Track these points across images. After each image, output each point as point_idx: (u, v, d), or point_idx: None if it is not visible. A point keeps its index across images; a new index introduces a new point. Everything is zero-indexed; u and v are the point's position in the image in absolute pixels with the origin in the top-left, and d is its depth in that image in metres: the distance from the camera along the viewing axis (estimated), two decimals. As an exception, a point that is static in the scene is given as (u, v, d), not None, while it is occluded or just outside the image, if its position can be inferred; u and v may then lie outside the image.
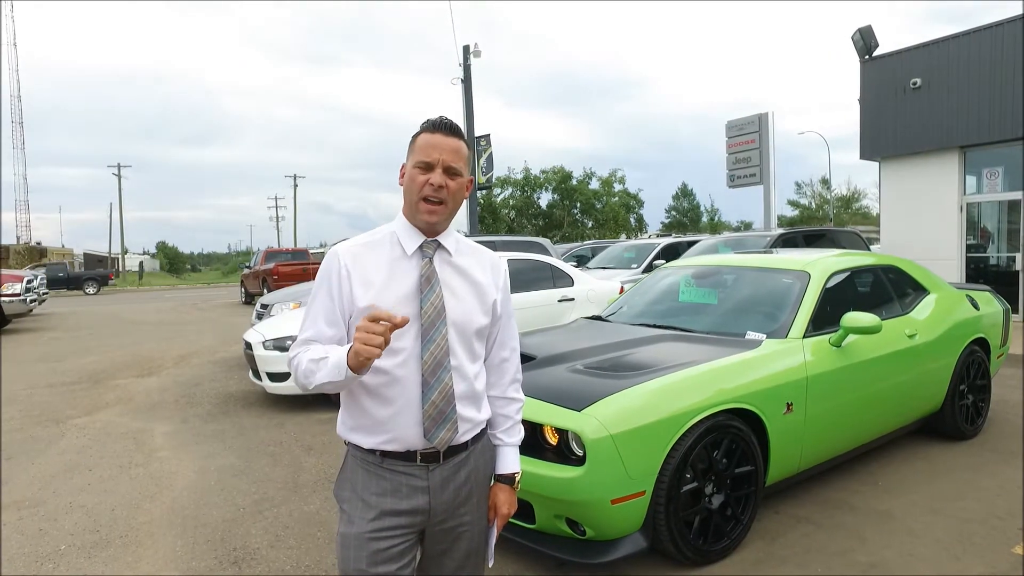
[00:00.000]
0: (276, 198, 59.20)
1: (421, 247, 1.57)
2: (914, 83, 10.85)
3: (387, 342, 1.38)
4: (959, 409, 4.50)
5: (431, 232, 1.58)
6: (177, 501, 3.87)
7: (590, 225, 40.37)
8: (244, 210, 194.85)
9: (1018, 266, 10.14)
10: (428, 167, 1.52)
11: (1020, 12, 9.81)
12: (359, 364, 1.38)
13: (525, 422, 2.80)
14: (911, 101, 10.96)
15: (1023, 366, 6.85)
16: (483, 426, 1.67)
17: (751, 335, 3.50)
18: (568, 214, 40.26)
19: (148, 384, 7.41)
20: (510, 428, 1.74)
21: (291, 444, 4.90)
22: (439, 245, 1.59)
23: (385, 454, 1.55)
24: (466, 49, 19.02)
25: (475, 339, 1.61)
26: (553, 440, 2.77)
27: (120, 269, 48.17)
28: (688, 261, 4.95)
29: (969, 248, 10.81)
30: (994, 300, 5.16)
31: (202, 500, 3.87)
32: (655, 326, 3.97)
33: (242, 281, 20.45)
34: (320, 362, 1.47)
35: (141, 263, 50.28)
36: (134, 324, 14.38)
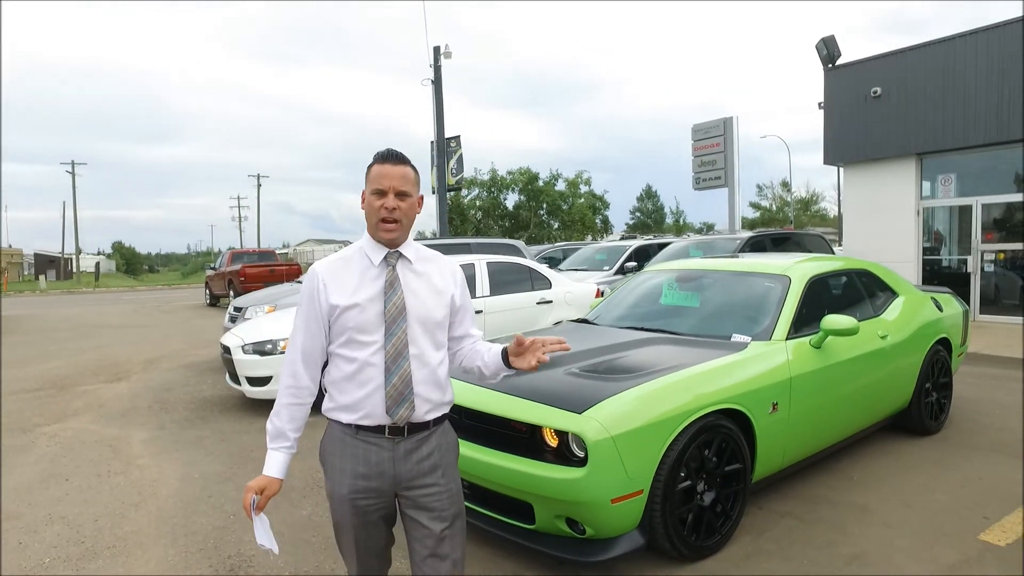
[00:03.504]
0: (239, 198, 57.99)
1: (385, 258, 1.89)
2: (874, 92, 11.26)
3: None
4: (925, 406, 4.72)
5: (392, 245, 1.89)
6: (163, 509, 3.81)
7: (556, 226, 40.63)
8: (205, 210, 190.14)
9: (970, 268, 10.62)
10: (382, 193, 1.84)
11: (971, 28, 10.29)
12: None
13: (525, 425, 2.89)
14: (872, 109, 11.37)
15: (980, 364, 7.20)
16: (445, 408, 1.97)
17: (737, 337, 3.63)
18: (534, 215, 40.44)
19: (118, 390, 7.24)
20: (484, 351, 2.05)
21: (276, 449, 4.86)
22: (400, 255, 1.91)
23: (359, 427, 1.87)
24: (436, 50, 18.98)
25: (437, 330, 1.93)
26: (553, 442, 2.83)
27: (74, 269, 46.55)
28: (669, 265, 5.08)
29: (925, 251, 11.27)
30: (955, 302, 5.42)
31: (190, 508, 3.82)
32: (642, 329, 4.07)
33: (207, 282, 20.02)
34: (268, 444, 1.95)
35: (97, 264, 48.70)
36: (96, 327, 13.97)
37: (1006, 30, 9.88)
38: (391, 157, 1.87)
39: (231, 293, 16.65)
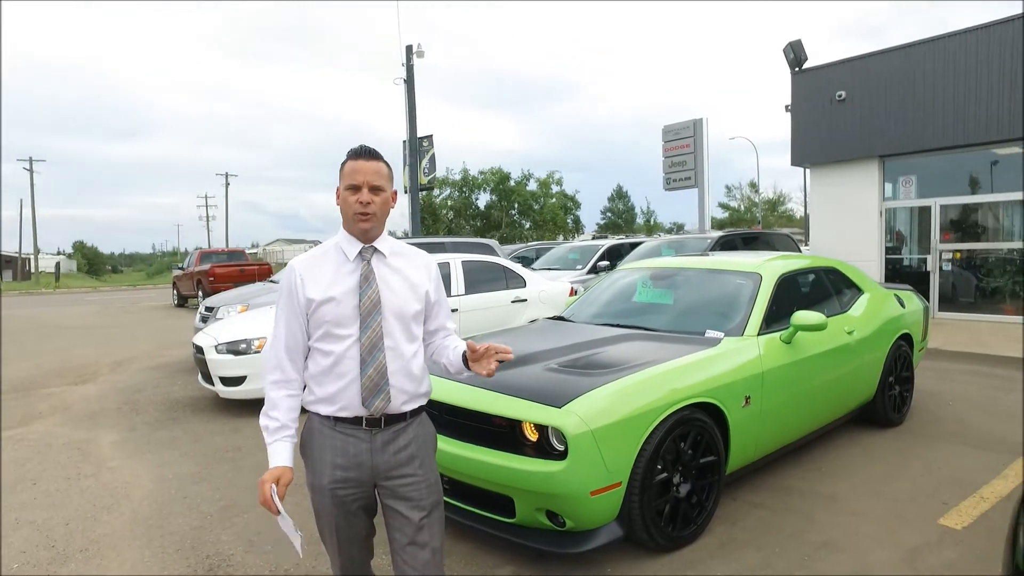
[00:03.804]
0: (206, 196, 56.58)
1: (360, 252, 1.92)
2: (839, 95, 11.57)
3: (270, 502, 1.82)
4: (888, 399, 4.88)
5: (367, 239, 1.93)
6: (137, 511, 3.76)
7: (528, 226, 40.75)
8: (171, 209, 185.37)
9: (929, 267, 10.98)
10: (356, 188, 1.87)
11: (929, 35, 10.64)
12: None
13: (504, 420, 2.93)
14: (837, 112, 11.67)
15: (939, 359, 7.46)
16: (422, 400, 2.01)
17: (710, 333, 3.72)
18: (506, 215, 40.51)
19: (84, 392, 7.08)
20: (450, 348, 2.08)
21: (251, 449, 4.82)
22: (375, 250, 1.94)
23: (338, 419, 1.91)
24: (409, 49, 18.91)
25: (412, 322, 1.96)
26: (533, 437, 2.88)
27: (33, 270, 45.14)
28: (643, 263, 5.16)
29: (888, 250, 11.61)
30: (916, 299, 5.61)
31: (165, 509, 3.77)
32: (618, 325, 4.14)
33: (174, 283, 19.63)
34: (268, 439, 1.90)
35: (58, 264, 47.29)
36: (58, 328, 13.60)
37: (964, 38, 10.24)
38: (364, 153, 1.90)
39: (200, 293, 16.36)
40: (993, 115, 9.93)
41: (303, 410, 1.96)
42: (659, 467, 3.00)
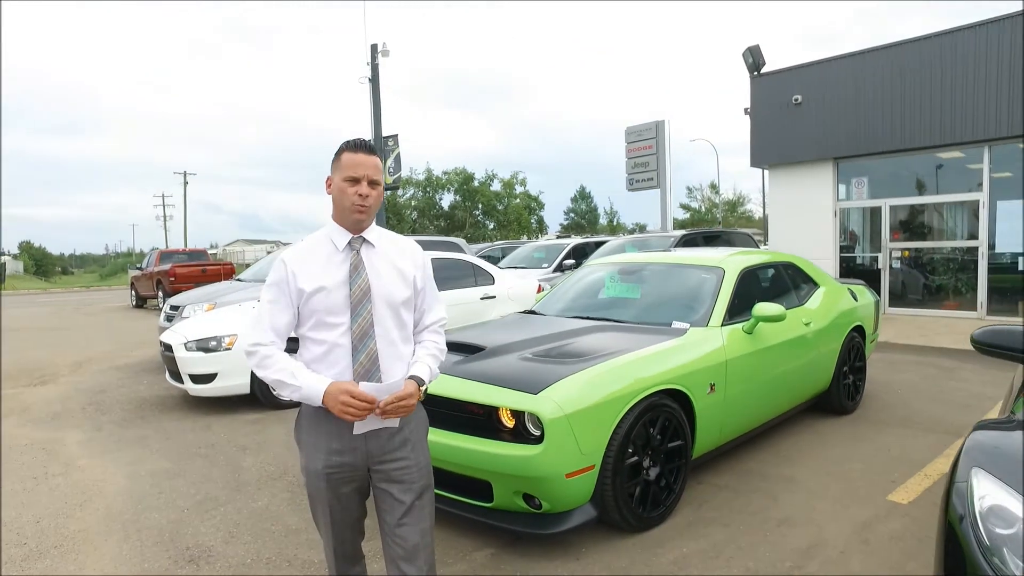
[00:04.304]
0: (163, 196, 54.94)
1: (350, 243, 1.97)
2: (796, 99, 11.99)
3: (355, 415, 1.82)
4: (843, 387, 5.14)
5: (357, 230, 1.97)
6: (112, 507, 3.74)
7: (492, 226, 40.86)
8: (125, 209, 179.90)
9: (880, 265, 11.47)
10: (355, 181, 1.91)
11: (881, 44, 11.12)
12: (336, 413, 1.84)
13: (482, 407, 3.03)
14: (793, 115, 12.10)
15: (889, 351, 7.83)
16: None
17: (677, 324, 3.89)
18: (470, 215, 40.55)
19: (44, 393, 6.92)
20: (424, 352, 2.07)
21: (224, 445, 4.81)
22: (364, 240, 1.99)
23: None
24: (374, 48, 18.85)
25: (402, 309, 2.00)
26: (510, 423, 2.99)
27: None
28: (611, 258, 5.32)
29: (842, 249, 12.09)
30: (867, 292, 5.91)
31: (140, 504, 3.76)
32: (588, 318, 4.28)
33: (132, 283, 19.14)
34: (291, 386, 1.88)
35: (2, 264, 45.42)
36: (10, 331, 13.15)
37: (908, 48, 10.74)
38: (363, 146, 1.95)
39: (160, 294, 16.01)
40: (936, 121, 10.45)
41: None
42: (630, 451, 3.14)
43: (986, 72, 9.93)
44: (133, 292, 18.84)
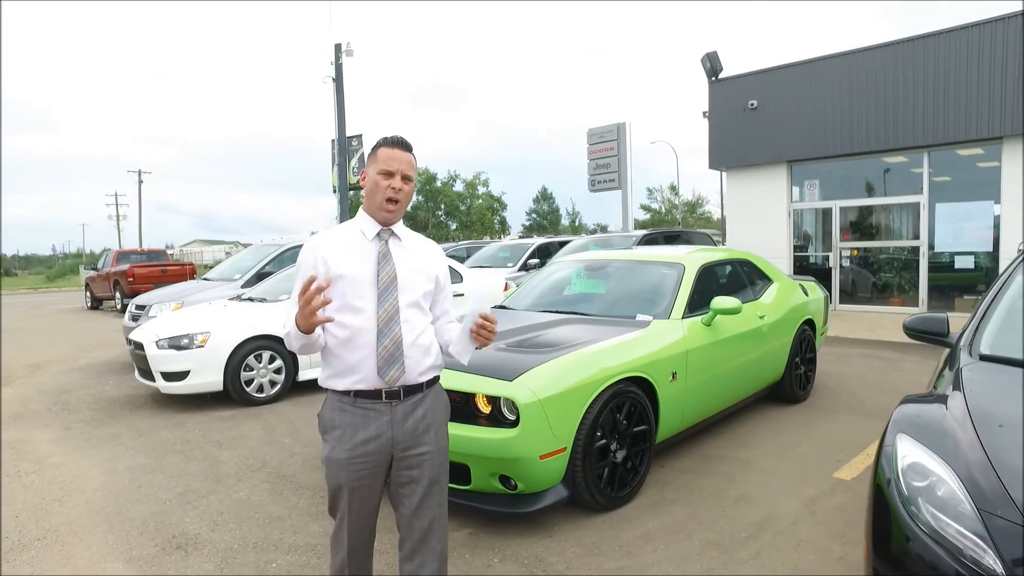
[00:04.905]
0: (116, 195, 53.30)
1: (379, 234, 2.06)
2: (752, 104, 12.47)
3: (317, 304, 1.80)
4: (795, 378, 5.48)
5: (387, 223, 2.06)
6: (92, 501, 3.79)
7: (455, 227, 40.97)
8: (73, 207, 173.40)
9: (831, 264, 12.02)
10: (389, 175, 2.00)
11: (832, 53, 11.67)
12: (308, 327, 1.86)
13: (459, 393, 3.21)
14: (750, 120, 12.58)
15: (838, 345, 8.27)
16: (436, 371, 2.13)
17: (640, 317, 4.13)
18: (433, 216, 40.56)
19: (3, 395, 6.80)
20: (451, 330, 2.18)
21: (200, 441, 4.87)
22: (392, 233, 2.08)
23: (357, 393, 2.00)
24: (338, 47, 18.77)
25: (422, 300, 2.08)
26: (486, 409, 3.17)
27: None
28: (577, 256, 5.55)
29: (796, 248, 12.62)
30: (818, 288, 6.28)
31: (121, 498, 3.82)
32: (557, 312, 4.49)
33: (87, 284, 18.65)
34: (288, 335, 1.96)
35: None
36: (-41, 333, 12.72)
37: (859, 57, 11.29)
38: (399, 143, 2.04)
39: (118, 295, 15.67)
40: (882, 126, 11.02)
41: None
42: (598, 434, 3.36)
43: (924, 82, 10.53)
44: (88, 293, 18.37)
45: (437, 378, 2.14)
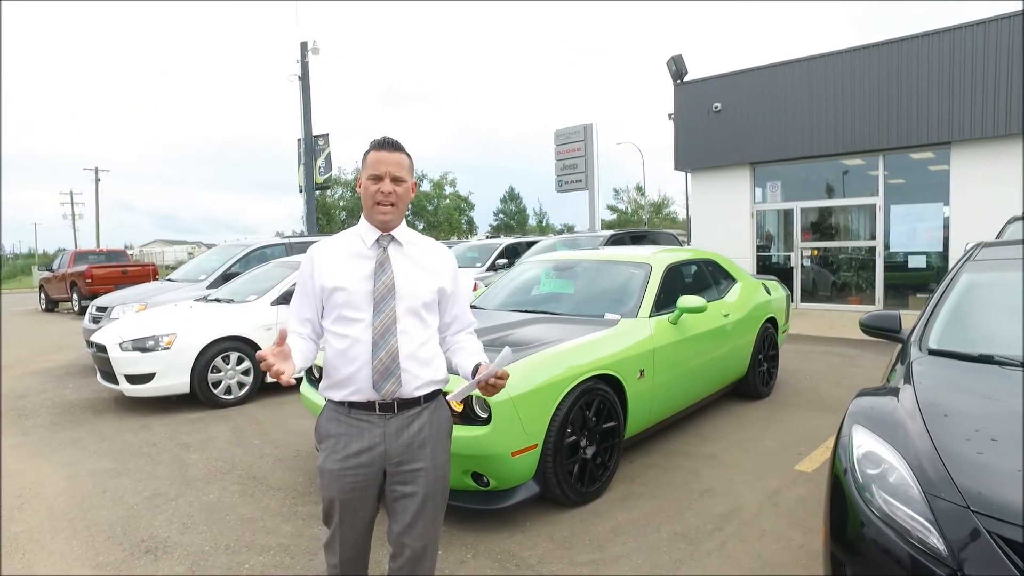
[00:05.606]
0: (72, 193, 51.62)
1: (378, 240, 1.98)
2: (716, 107, 12.73)
3: (270, 362, 1.73)
4: (758, 374, 5.63)
5: (385, 228, 1.98)
6: (53, 507, 3.71)
7: (422, 227, 40.77)
8: (25, 206, 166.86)
9: (793, 263, 12.35)
10: (378, 178, 1.94)
11: (793, 58, 11.98)
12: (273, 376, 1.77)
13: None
14: (714, 122, 12.84)
15: (800, 342, 8.51)
16: (436, 386, 2.02)
17: (608, 316, 4.21)
18: (401, 215, 40.18)
19: (-42, 400, 6.58)
20: (466, 352, 2.09)
21: (166, 443, 4.80)
22: (392, 238, 1.99)
23: (352, 405, 1.94)
24: (304, 46, 18.57)
25: (423, 310, 1.98)
26: (458, 407, 3.21)
27: None
28: (545, 256, 5.62)
29: (759, 248, 12.92)
30: (780, 287, 6.46)
31: (84, 503, 3.75)
32: (526, 311, 4.55)
33: (41, 286, 18.07)
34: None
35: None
36: (-95, 337, 12.22)
37: (817, 62, 11.63)
38: (387, 144, 1.96)
39: (75, 296, 15.23)
40: (840, 130, 11.37)
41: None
42: (569, 431, 3.43)
43: (879, 87, 10.90)
44: (42, 295, 17.80)
45: (438, 392, 2.05)
